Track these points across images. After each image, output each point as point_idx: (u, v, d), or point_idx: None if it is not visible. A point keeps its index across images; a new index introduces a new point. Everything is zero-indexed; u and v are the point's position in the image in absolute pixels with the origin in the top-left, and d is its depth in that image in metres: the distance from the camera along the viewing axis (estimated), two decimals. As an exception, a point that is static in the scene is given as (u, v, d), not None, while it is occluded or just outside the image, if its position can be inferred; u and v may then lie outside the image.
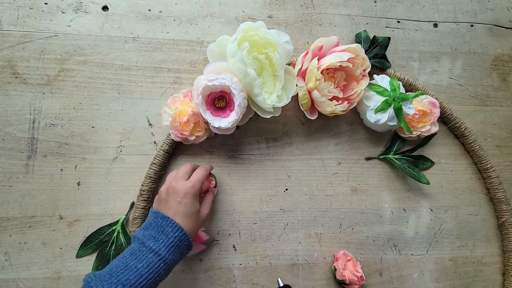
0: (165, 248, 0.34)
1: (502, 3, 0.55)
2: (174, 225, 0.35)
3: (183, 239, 0.35)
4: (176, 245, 0.34)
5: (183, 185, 0.37)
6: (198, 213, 0.38)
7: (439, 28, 0.54)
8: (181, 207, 0.36)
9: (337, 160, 0.50)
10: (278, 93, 0.42)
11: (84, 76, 0.46)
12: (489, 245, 0.51)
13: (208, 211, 0.40)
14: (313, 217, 0.49)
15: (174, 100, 0.44)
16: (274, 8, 0.51)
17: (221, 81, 0.40)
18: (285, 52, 0.42)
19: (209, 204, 0.41)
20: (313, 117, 0.47)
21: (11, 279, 0.43)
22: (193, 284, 0.46)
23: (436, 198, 0.51)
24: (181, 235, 0.35)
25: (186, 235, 0.35)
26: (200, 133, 0.44)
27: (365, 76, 0.46)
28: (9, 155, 0.44)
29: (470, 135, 0.51)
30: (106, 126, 0.46)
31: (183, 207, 0.36)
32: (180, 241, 0.35)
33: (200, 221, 0.38)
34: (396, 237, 0.50)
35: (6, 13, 0.46)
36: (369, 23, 0.52)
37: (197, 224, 0.37)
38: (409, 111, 0.46)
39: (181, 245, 0.35)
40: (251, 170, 0.48)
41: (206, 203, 0.40)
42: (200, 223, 0.38)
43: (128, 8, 0.48)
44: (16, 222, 0.44)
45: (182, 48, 0.48)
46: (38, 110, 0.45)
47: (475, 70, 0.54)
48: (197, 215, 0.37)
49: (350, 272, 0.45)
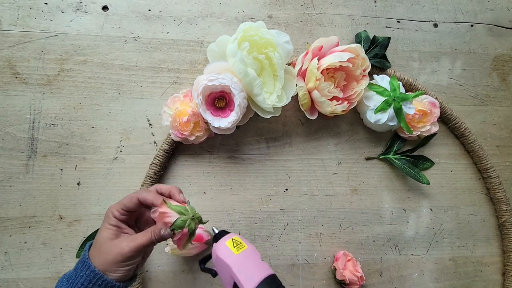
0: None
1: (502, 3, 0.55)
2: (83, 259, 0.29)
3: (92, 277, 0.28)
4: (85, 286, 0.28)
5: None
6: (108, 242, 0.29)
7: (439, 28, 0.54)
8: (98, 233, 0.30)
9: (337, 160, 0.50)
10: (278, 93, 0.42)
11: (84, 76, 0.46)
12: (489, 245, 0.51)
13: (128, 248, 0.29)
14: (313, 217, 0.49)
15: (174, 100, 0.44)
16: (274, 8, 0.51)
17: (221, 81, 0.40)
18: (285, 52, 0.42)
19: (137, 239, 0.30)
20: (313, 117, 0.46)
21: (11, 279, 0.43)
22: (193, 284, 0.45)
23: (436, 198, 0.51)
24: (89, 273, 0.28)
25: (95, 273, 0.28)
26: (200, 133, 0.44)
27: (365, 76, 0.46)
28: (9, 155, 0.44)
29: (470, 135, 0.51)
30: (106, 126, 0.46)
31: (98, 233, 0.30)
32: (89, 281, 0.28)
33: (112, 255, 0.29)
34: (396, 237, 0.50)
35: (6, 13, 0.46)
36: (369, 23, 0.52)
37: (106, 259, 0.29)
38: (409, 111, 0.46)
39: (92, 286, 0.28)
40: (251, 170, 0.48)
41: (135, 237, 0.30)
42: (112, 258, 0.29)
43: (128, 8, 0.48)
44: (16, 222, 0.44)
45: (182, 48, 0.48)
46: (38, 110, 0.45)
47: (475, 70, 0.54)
48: (106, 245, 0.29)
49: (350, 272, 0.45)
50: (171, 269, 0.45)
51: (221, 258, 0.27)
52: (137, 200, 0.30)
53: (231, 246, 0.27)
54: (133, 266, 0.30)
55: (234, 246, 0.27)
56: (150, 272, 0.45)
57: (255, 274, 0.25)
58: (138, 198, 0.30)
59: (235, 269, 0.26)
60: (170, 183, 0.47)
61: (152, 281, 0.45)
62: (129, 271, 0.30)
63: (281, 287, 0.25)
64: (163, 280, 0.45)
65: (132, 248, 0.29)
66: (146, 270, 0.45)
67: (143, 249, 0.30)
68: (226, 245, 0.27)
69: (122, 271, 0.29)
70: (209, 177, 0.47)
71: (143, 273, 0.45)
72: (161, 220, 0.29)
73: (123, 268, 0.29)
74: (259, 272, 0.25)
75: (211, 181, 0.47)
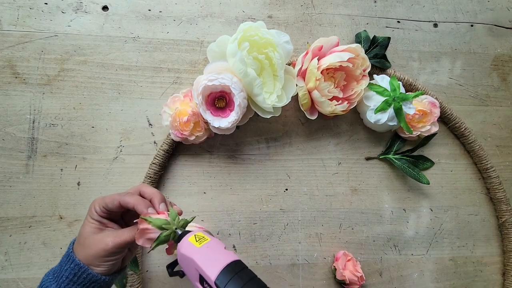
0: (55, 283, 0.28)
1: (502, 3, 0.55)
2: (68, 252, 0.29)
3: (77, 270, 0.28)
4: (70, 279, 0.28)
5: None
6: (92, 237, 0.29)
7: (439, 28, 0.53)
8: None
9: (337, 160, 0.50)
10: (278, 93, 0.42)
11: (84, 76, 0.46)
12: (489, 245, 0.51)
13: (112, 243, 0.28)
14: (313, 217, 0.48)
15: (174, 100, 0.44)
16: (274, 8, 0.51)
17: (221, 81, 0.40)
18: (285, 52, 0.42)
19: (122, 235, 0.29)
20: (313, 117, 0.46)
21: (11, 279, 0.43)
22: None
23: (436, 198, 0.51)
24: (74, 266, 0.28)
25: (80, 266, 0.28)
26: (200, 133, 0.44)
27: (365, 76, 0.46)
28: (9, 155, 0.44)
29: (470, 135, 0.50)
30: (106, 126, 0.46)
31: (81, 227, 0.30)
32: (74, 274, 0.28)
33: (95, 249, 0.28)
34: (396, 237, 0.49)
35: (6, 13, 0.45)
36: (369, 23, 0.52)
37: (89, 253, 0.28)
38: (409, 111, 0.46)
39: (77, 279, 0.28)
40: (251, 170, 0.48)
41: (120, 232, 0.29)
42: (95, 252, 0.28)
43: (128, 8, 0.48)
44: (16, 222, 0.43)
45: (182, 48, 0.48)
46: (38, 110, 0.45)
47: (475, 70, 0.54)
48: (90, 239, 0.29)
49: (350, 272, 0.45)
50: (171, 269, 0.45)
51: (184, 254, 0.27)
52: (119, 203, 0.30)
53: (194, 241, 0.27)
54: (117, 260, 0.30)
55: (196, 240, 0.27)
56: (150, 272, 0.45)
57: (218, 262, 0.25)
58: (120, 201, 0.30)
59: (199, 260, 0.25)
60: (170, 183, 0.47)
61: (152, 281, 0.45)
62: (113, 265, 0.30)
63: (246, 270, 0.25)
64: (163, 280, 0.45)
65: (116, 244, 0.29)
66: (146, 270, 0.45)
67: (127, 245, 0.29)
68: (189, 241, 0.27)
69: (106, 266, 0.29)
70: (209, 177, 0.47)
71: (143, 273, 0.45)
72: (143, 237, 0.28)
73: (106, 262, 0.29)
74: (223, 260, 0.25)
75: (211, 181, 0.47)
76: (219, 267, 0.25)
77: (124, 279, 0.43)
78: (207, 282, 0.25)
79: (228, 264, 0.25)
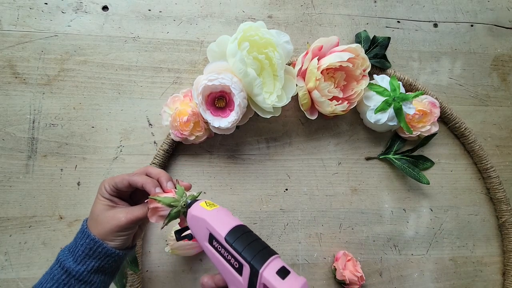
0: (71, 256, 0.29)
1: (502, 3, 0.54)
2: (82, 229, 0.30)
3: (92, 245, 0.29)
4: (85, 253, 0.29)
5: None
6: (105, 213, 0.30)
7: (439, 28, 0.53)
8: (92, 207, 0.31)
9: (337, 160, 0.49)
10: (278, 93, 0.41)
11: (84, 76, 0.45)
12: (489, 245, 0.50)
13: (125, 218, 0.30)
14: (313, 217, 0.48)
15: (174, 99, 0.43)
16: (274, 8, 0.50)
17: (221, 81, 0.39)
18: (285, 52, 0.41)
19: (134, 212, 0.31)
20: (313, 117, 0.45)
21: (11, 279, 0.42)
22: (193, 284, 0.45)
23: (436, 198, 0.50)
24: (89, 241, 0.29)
25: (95, 240, 0.29)
26: (200, 133, 0.43)
27: (365, 76, 0.45)
28: (9, 155, 0.43)
29: (470, 135, 0.50)
30: (106, 126, 0.45)
31: (92, 205, 0.31)
32: (89, 248, 0.29)
33: (109, 224, 0.30)
34: (396, 237, 0.49)
35: (6, 13, 0.45)
36: (369, 23, 0.51)
37: (103, 228, 0.30)
38: (409, 111, 0.45)
39: (92, 253, 0.29)
40: (251, 170, 0.47)
41: (132, 209, 0.31)
42: (109, 227, 0.30)
43: (128, 8, 0.47)
44: (16, 222, 0.43)
45: (182, 48, 0.47)
46: (38, 110, 0.44)
47: (475, 70, 0.53)
48: (103, 215, 0.30)
49: (350, 272, 0.44)
50: (171, 269, 0.45)
51: (196, 215, 0.28)
52: (128, 183, 0.31)
53: (205, 206, 0.28)
54: (130, 235, 0.31)
55: (207, 205, 0.29)
56: (150, 272, 0.44)
57: (228, 223, 0.27)
58: (129, 181, 0.31)
59: (210, 220, 0.27)
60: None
61: (152, 281, 0.44)
62: (126, 240, 0.31)
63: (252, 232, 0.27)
64: (163, 280, 0.44)
65: (129, 219, 0.30)
66: (146, 270, 0.44)
67: (139, 221, 0.31)
68: (200, 206, 0.29)
69: (119, 240, 0.30)
70: (209, 177, 0.46)
71: (143, 273, 0.44)
72: (155, 215, 0.29)
73: (120, 237, 0.30)
74: (232, 222, 0.27)
75: (211, 181, 0.46)
76: (229, 227, 0.26)
77: (124, 279, 0.43)
78: (217, 240, 0.26)
79: (237, 226, 0.27)
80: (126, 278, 0.42)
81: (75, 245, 0.30)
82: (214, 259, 0.27)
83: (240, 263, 0.25)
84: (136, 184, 0.31)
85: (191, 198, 0.30)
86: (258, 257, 0.24)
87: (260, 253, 0.25)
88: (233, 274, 0.25)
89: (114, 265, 0.31)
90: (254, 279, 0.24)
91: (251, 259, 0.24)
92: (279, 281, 0.23)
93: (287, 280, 0.23)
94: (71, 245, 0.30)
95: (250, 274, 0.24)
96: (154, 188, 0.30)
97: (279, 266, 0.24)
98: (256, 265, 0.24)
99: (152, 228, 0.45)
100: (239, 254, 0.25)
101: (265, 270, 0.24)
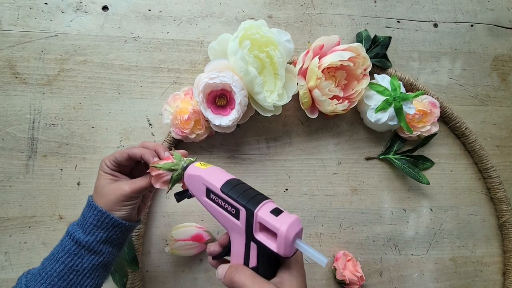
0: (80, 228, 0.30)
1: (502, 3, 0.54)
2: (89, 203, 0.31)
3: (100, 216, 0.30)
4: (94, 224, 0.30)
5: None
6: (109, 185, 0.31)
7: (439, 28, 0.52)
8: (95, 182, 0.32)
9: (337, 160, 0.48)
10: (279, 91, 0.41)
11: (84, 76, 0.45)
12: (489, 245, 0.49)
13: (129, 188, 0.31)
14: (313, 217, 0.47)
15: (175, 98, 0.43)
16: (274, 8, 0.49)
17: (222, 79, 0.38)
18: (286, 51, 0.41)
19: (137, 182, 0.31)
20: (314, 116, 0.45)
21: (11, 279, 0.42)
22: (193, 284, 0.44)
23: (436, 198, 0.49)
24: (97, 212, 0.30)
25: (102, 212, 0.30)
26: (200, 131, 0.42)
27: (366, 75, 0.44)
28: (9, 155, 0.43)
29: (471, 134, 0.49)
30: (106, 126, 0.45)
31: (95, 181, 0.32)
32: (97, 220, 0.30)
33: (114, 195, 0.30)
34: (396, 237, 0.48)
35: (6, 13, 0.44)
36: (369, 23, 0.51)
37: (109, 200, 0.30)
38: (409, 111, 0.44)
39: (100, 224, 0.30)
40: (251, 170, 0.47)
41: (135, 180, 0.32)
42: (114, 198, 0.30)
43: (128, 8, 0.46)
44: (16, 222, 0.42)
45: (182, 48, 0.47)
46: (38, 110, 0.44)
47: (475, 70, 0.52)
48: (107, 188, 0.31)
49: (350, 272, 0.44)
50: (171, 269, 0.44)
51: (192, 174, 0.30)
52: (127, 155, 0.32)
53: (200, 166, 0.30)
54: (135, 205, 0.32)
55: (202, 165, 0.30)
56: (150, 272, 0.44)
57: (222, 177, 0.28)
58: (128, 153, 0.32)
59: (206, 176, 0.28)
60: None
61: (152, 281, 0.44)
62: (132, 210, 0.32)
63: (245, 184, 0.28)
64: (163, 280, 0.44)
65: (133, 189, 0.31)
66: (146, 270, 0.44)
67: (143, 190, 0.32)
68: (196, 166, 0.30)
69: (125, 210, 0.31)
70: (209, 177, 0.46)
71: (143, 273, 0.43)
72: (159, 181, 0.31)
73: (126, 207, 0.31)
74: (226, 176, 0.29)
75: (211, 181, 0.46)
76: (223, 180, 0.28)
77: (124, 278, 0.42)
78: (214, 192, 0.28)
79: (231, 178, 0.28)
80: (127, 277, 0.42)
81: (83, 219, 0.31)
82: (212, 210, 0.28)
83: (236, 208, 0.26)
84: (135, 155, 0.32)
85: (188, 162, 0.31)
86: (252, 200, 0.26)
87: (254, 198, 0.26)
88: (231, 220, 0.27)
89: (121, 236, 0.32)
90: (250, 219, 0.25)
91: (246, 203, 0.26)
92: (273, 218, 0.24)
93: (280, 217, 0.24)
94: (79, 220, 0.31)
95: (246, 216, 0.26)
96: (153, 158, 0.31)
97: (273, 207, 0.25)
98: (251, 207, 0.25)
99: (152, 228, 0.45)
100: (234, 200, 0.26)
101: (259, 210, 0.25)
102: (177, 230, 0.42)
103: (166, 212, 0.45)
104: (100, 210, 0.30)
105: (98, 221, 0.30)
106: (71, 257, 0.29)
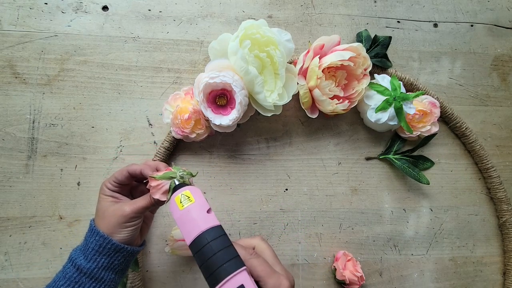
0: (82, 254, 0.29)
1: (502, 3, 0.52)
2: (90, 228, 0.30)
3: (102, 242, 0.29)
4: (96, 250, 0.29)
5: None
6: (110, 208, 0.30)
7: (439, 28, 0.50)
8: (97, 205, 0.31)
9: (337, 160, 0.47)
10: (279, 91, 0.39)
11: (84, 76, 0.43)
12: (489, 245, 0.48)
13: (130, 209, 0.30)
14: (313, 217, 0.45)
15: (175, 97, 0.41)
16: (274, 8, 0.48)
17: (222, 78, 0.37)
18: (287, 50, 0.39)
19: (137, 202, 0.30)
20: (314, 115, 0.43)
21: (11, 279, 0.40)
22: (193, 284, 0.43)
23: (436, 198, 0.48)
24: (98, 238, 0.29)
25: (104, 237, 0.29)
26: (201, 131, 0.41)
27: (366, 75, 0.43)
28: (9, 155, 0.41)
29: (471, 134, 0.47)
30: (106, 126, 0.43)
31: (97, 205, 0.31)
32: (99, 245, 0.29)
33: (115, 217, 0.29)
34: (396, 237, 0.46)
35: (6, 13, 0.43)
36: (369, 23, 0.49)
37: (110, 222, 0.29)
38: (409, 111, 0.43)
39: (102, 250, 0.29)
40: (251, 170, 0.45)
41: (135, 200, 0.31)
42: (115, 220, 0.29)
43: (128, 8, 0.45)
44: (16, 222, 0.41)
45: (182, 48, 0.45)
46: (38, 110, 0.42)
47: (475, 70, 0.50)
48: (108, 210, 0.30)
49: (350, 272, 0.42)
50: (171, 269, 0.43)
51: (171, 212, 0.28)
52: (127, 172, 0.31)
53: (178, 202, 0.27)
54: (136, 227, 0.31)
55: (180, 202, 0.27)
56: (150, 272, 0.42)
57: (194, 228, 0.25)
58: (127, 171, 0.31)
59: (179, 224, 0.26)
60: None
61: (152, 281, 0.42)
62: (133, 232, 0.30)
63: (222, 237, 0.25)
64: (163, 280, 0.42)
65: (134, 209, 0.30)
66: (146, 270, 0.42)
67: (143, 210, 0.30)
68: (174, 201, 0.27)
69: (126, 232, 0.30)
70: (209, 177, 0.44)
71: (143, 273, 0.42)
72: (158, 192, 0.29)
73: (127, 228, 0.30)
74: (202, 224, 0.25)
75: (211, 181, 0.44)
76: (194, 234, 0.25)
77: (124, 278, 0.41)
78: None
79: (204, 231, 0.25)
80: (127, 277, 0.40)
81: (85, 244, 0.30)
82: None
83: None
84: (134, 172, 0.31)
85: (187, 173, 0.30)
86: (214, 275, 0.23)
87: (217, 271, 0.23)
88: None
89: (124, 262, 0.30)
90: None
91: (207, 277, 0.24)
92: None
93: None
94: (82, 245, 0.30)
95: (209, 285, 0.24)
96: (152, 172, 0.30)
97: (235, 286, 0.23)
98: (210, 284, 0.23)
99: (152, 229, 0.43)
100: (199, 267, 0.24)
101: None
102: (177, 230, 0.41)
103: (166, 212, 0.43)
104: (102, 235, 0.29)
105: (100, 246, 0.29)
106: (72, 285, 0.28)
